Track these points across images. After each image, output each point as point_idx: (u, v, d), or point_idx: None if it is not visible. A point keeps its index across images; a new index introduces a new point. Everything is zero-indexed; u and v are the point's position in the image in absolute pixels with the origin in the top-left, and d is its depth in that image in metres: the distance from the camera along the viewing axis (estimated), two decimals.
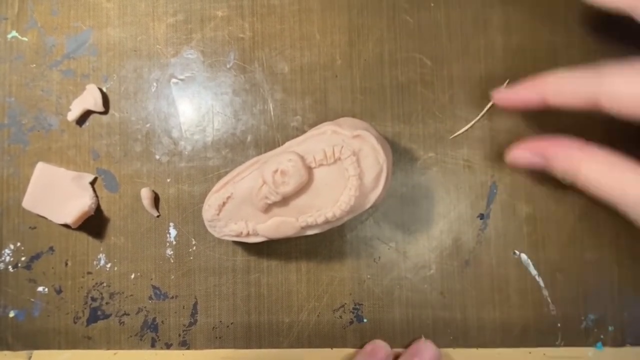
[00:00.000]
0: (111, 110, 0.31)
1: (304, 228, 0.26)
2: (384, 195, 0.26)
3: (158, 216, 0.30)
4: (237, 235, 0.27)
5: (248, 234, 0.27)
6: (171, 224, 0.30)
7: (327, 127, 0.25)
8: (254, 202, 0.26)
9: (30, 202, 0.30)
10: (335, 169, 0.25)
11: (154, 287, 0.30)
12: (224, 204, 0.26)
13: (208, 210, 0.27)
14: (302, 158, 0.25)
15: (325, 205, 0.25)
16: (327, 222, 0.25)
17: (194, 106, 0.30)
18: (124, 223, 0.30)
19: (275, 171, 0.25)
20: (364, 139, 0.25)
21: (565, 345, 0.28)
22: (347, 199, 0.25)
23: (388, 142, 0.29)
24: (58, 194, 0.30)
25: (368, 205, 0.25)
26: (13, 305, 0.30)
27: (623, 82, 0.22)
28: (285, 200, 0.26)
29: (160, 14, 0.31)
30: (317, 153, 0.25)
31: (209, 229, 0.27)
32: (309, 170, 0.25)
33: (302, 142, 0.26)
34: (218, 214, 0.27)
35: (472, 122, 0.28)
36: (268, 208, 0.26)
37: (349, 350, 0.29)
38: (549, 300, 0.28)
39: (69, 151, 0.31)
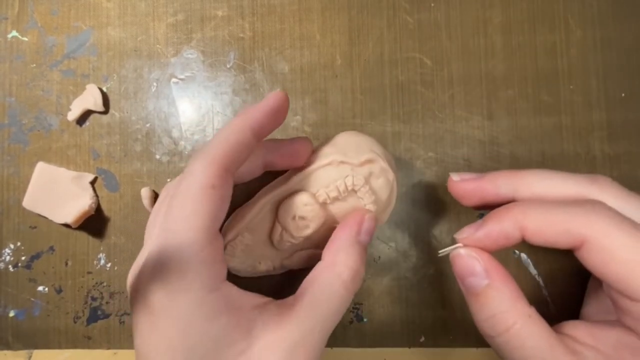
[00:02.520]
0: (111, 110, 0.31)
1: None
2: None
3: None
4: (264, 272, 0.27)
5: (275, 269, 0.27)
6: None
7: (333, 157, 0.24)
8: (276, 245, 0.26)
9: (31, 201, 0.30)
10: (350, 200, 0.25)
11: None
12: (242, 250, 0.26)
13: (229, 260, 0.26)
14: (316, 197, 0.24)
15: None
16: None
17: (194, 106, 0.30)
18: (124, 223, 0.30)
19: (293, 217, 0.24)
20: (372, 162, 0.24)
21: None
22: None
23: (387, 142, 0.29)
24: (58, 193, 0.30)
25: (384, 221, 0.26)
26: (13, 304, 0.30)
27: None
28: (307, 237, 0.25)
29: (160, 14, 0.31)
30: (330, 190, 0.24)
31: (234, 273, 0.27)
32: (325, 205, 0.25)
33: (308, 175, 0.25)
34: (239, 259, 0.26)
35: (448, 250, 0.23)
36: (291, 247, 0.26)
37: (349, 350, 0.29)
38: (549, 299, 0.28)
39: (69, 151, 0.31)
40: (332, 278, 0.22)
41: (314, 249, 0.26)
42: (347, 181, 0.24)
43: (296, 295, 0.22)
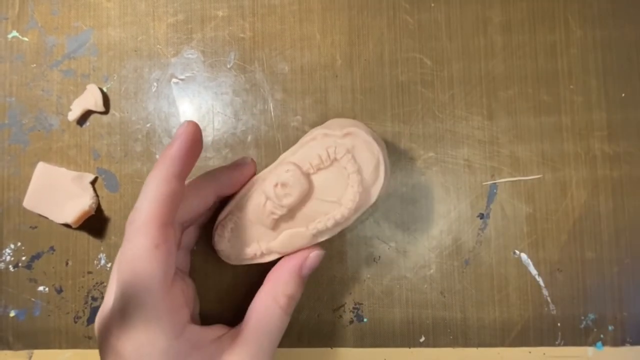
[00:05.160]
0: (112, 110, 0.31)
1: (315, 235, 0.26)
2: (386, 188, 0.26)
3: None
4: (252, 258, 0.27)
5: (262, 254, 0.27)
6: None
7: (316, 132, 0.25)
8: (261, 220, 0.26)
9: (31, 201, 0.30)
10: (334, 170, 0.25)
11: None
12: (232, 230, 0.26)
13: (219, 241, 0.27)
14: (299, 167, 0.25)
15: (331, 208, 0.25)
16: (337, 224, 0.25)
17: (194, 106, 0.30)
18: (125, 223, 0.30)
19: (276, 185, 0.24)
20: (354, 135, 0.25)
21: (565, 344, 0.28)
22: (352, 196, 0.25)
23: (388, 142, 0.29)
24: (58, 193, 0.30)
25: (373, 200, 0.25)
26: (14, 304, 0.30)
27: None
28: (291, 213, 0.25)
29: (160, 14, 0.31)
30: (313, 159, 0.25)
31: (224, 259, 0.27)
32: (308, 177, 0.25)
33: (295, 151, 0.26)
34: (229, 242, 0.27)
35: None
36: (276, 224, 0.26)
37: (349, 350, 0.29)
38: (549, 299, 0.28)
39: (70, 151, 0.31)
40: (272, 305, 0.24)
41: (298, 227, 0.26)
42: (329, 150, 0.25)
43: (243, 322, 0.25)
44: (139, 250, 0.21)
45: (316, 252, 0.26)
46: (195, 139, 0.23)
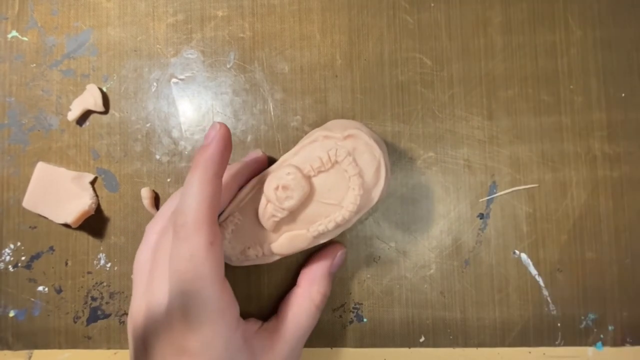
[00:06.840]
0: (111, 110, 0.31)
1: (316, 237, 0.25)
2: (386, 190, 0.26)
3: None
4: (252, 260, 0.27)
5: (263, 256, 0.27)
6: None
7: (317, 134, 0.25)
8: (262, 222, 0.26)
9: (31, 201, 0.30)
10: (334, 173, 0.25)
11: None
12: (232, 231, 0.26)
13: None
14: (300, 169, 0.25)
15: (332, 210, 0.25)
16: (337, 226, 0.25)
17: (194, 106, 0.30)
18: (124, 223, 0.30)
19: (277, 188, 0.24)
20: (356, 137, 0.25)
21: (565, 344, 0.28)
22: (352, 199, 0.25)
23: (387, 142, 0.29)
24: (58, 193, 0.30)
25: (374, 202, 0.25)
26: (13, 304, 0.30)
27: None
28: (292, 215, 0.25)
29: (160, 14, 0.31)
30: (314, 161, 0.25)
31: (225, 260, 0.27)
32: (309, 179, 0.25)
33: (296, 153, 0.26)
34: (230, 243, 0.27)
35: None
36: (277, 226, 0.26)
37: (349, 350, 0.29)
38: (549, 300, 0.28)
39: (69, 151, 0.31)
40: (308, 303, 0.27)
41: (299, 229, 0.26)
42: (330, 152, 0.25)
43: (278, 318, 0.27)
44: (197, 248, 0.22)
45: (342, 251, 0.28)
46: (228, 140, 0.24)
